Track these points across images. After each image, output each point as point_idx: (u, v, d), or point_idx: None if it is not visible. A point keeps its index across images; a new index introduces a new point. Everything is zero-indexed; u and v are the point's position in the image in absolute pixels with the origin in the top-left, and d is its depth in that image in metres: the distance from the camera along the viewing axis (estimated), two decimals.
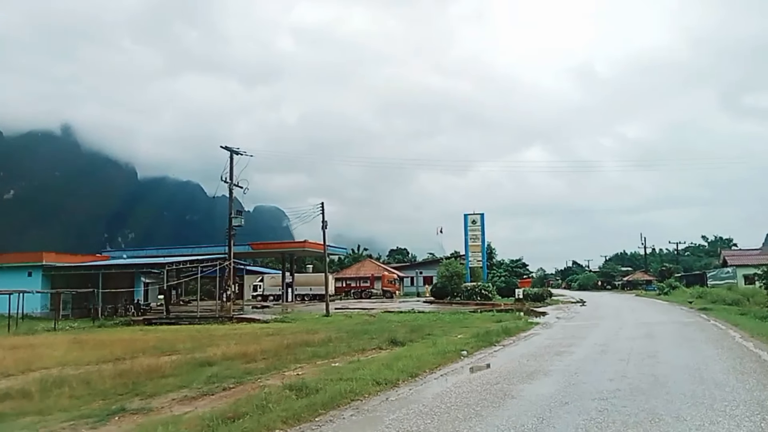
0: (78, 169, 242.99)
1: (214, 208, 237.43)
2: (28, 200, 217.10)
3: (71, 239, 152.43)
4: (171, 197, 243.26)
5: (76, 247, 74.35)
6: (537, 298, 45.61)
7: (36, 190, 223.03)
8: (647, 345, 14.23)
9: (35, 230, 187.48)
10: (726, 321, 20.81)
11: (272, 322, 25.06)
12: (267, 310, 35.60)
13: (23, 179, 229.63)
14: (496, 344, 15.78)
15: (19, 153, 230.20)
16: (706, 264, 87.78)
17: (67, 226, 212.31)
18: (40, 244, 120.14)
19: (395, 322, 24.73)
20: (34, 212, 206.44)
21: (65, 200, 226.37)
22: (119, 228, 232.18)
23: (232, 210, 30.51)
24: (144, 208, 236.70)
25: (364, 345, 15.78)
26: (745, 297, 35.80)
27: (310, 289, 63.52)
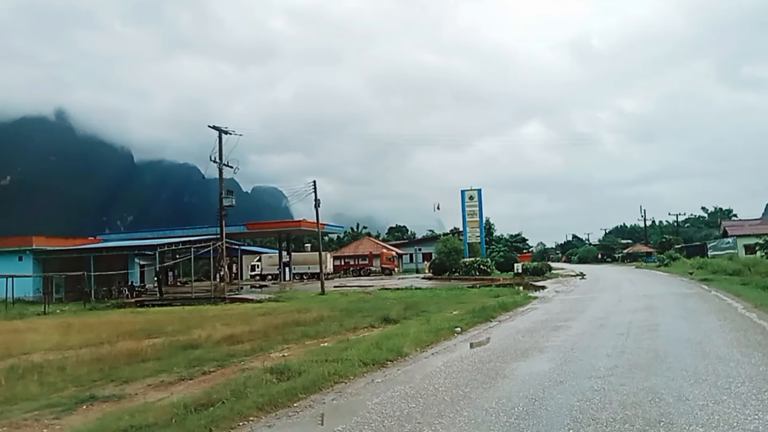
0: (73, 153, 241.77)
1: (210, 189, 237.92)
2: (25, 186, 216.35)
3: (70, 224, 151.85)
4: (168, 179, 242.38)
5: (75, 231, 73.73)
6: (536, 272, 45.27)
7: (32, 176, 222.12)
8: (647, 318, 13.79)
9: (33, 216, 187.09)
10: (728, 291, 20.39)
11: (266, 302, 24.68)
12: (263, 290, 35.23)
13: (19, 165, 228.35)
14: (492, 320, 15.36)
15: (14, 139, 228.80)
16: (707, 235, 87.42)
17: (66, 210, 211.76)
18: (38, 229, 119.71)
19: (391, 299, 24.38)
20: (31, 198, 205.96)
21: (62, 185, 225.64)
22: (117, 211, 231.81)
23: (222, 190, 29.87)
24: (141, 190, 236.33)
25: (356, 323, 15.38)
26: (746, 267, 35.40)
27: (308, 268, 63.19)
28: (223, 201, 29.68)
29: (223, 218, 30.28)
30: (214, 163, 29.36)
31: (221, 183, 30.07)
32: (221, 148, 29.56)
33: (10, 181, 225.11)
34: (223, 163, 29.59)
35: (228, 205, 29.96)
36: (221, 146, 29.55)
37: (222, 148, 29.55)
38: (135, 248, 37.40)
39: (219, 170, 29.75)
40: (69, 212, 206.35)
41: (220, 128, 29.50)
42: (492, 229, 78.49)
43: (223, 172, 30.94)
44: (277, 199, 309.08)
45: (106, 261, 37.68)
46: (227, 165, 30.08)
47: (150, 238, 47.55)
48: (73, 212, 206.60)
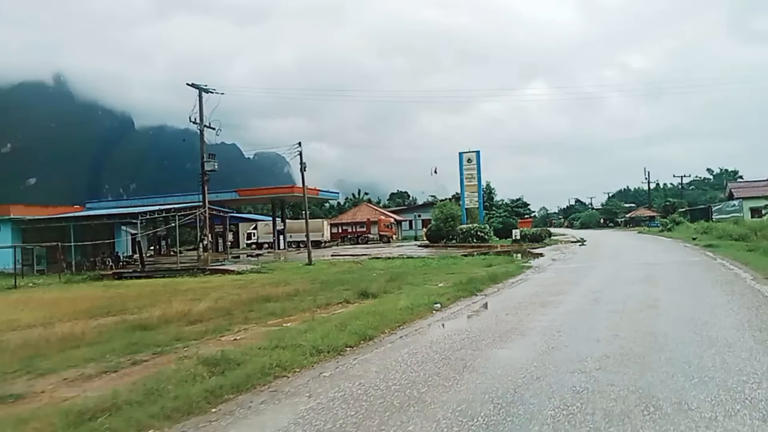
0: (74, 119, 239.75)
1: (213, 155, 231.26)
2: (26, 153, 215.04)
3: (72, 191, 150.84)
4: (170, 146, 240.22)
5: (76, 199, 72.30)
6: (535, 238, 44.10)
7: (33, 143, 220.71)
8: (646, 291, 12.55)
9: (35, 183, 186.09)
10: (734, 259, 19.11)
11: (247, 273, 23.57)
12: (251, 260, 34.15)
13: (19, 132, 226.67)
14: (478, 293, 14.17)
15: (13, 105, 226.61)
16: (712, 198, 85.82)
17: (67, 177, 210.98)
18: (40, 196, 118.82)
19: (378, 269, 23.25)
20: (32, 165, 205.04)
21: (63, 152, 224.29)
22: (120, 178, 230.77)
23: (204, 153, 28.42)
24: (143, 157, 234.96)
25: (331, 298, 14.20)
26: (752, 231, 34.09)
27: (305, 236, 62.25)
28: (205, 165, 28.23)
29: (205, 183, 28.90)
30: (194, 124, 27.85)
31: (202, 145, 28.58)
32: (201, 108, 28.02)
33: (10, 148, 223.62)
34: (204, 124, 28.05)
35: (210, 170, 28.54)
36: (202, 106, 28.01)
37: (202, 108, 28.02)
38: (116, 216, 36.18)
39: (200, 132, 28.23)
40: (71, 179, 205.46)
41: (200, 86, 27.87)
42: (492, 194, 76.73)
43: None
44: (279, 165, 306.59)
45: (91, 230, 36.59)
46: (209, 126, 28.56)
47: (139, 206, 46.37)
48: (75, 179, 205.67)
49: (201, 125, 28.02)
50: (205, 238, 28.60)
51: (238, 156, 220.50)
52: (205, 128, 28.75)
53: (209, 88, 28.28)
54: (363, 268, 24.63)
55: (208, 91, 28.48)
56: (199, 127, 28.07)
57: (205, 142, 28.33)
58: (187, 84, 27.77)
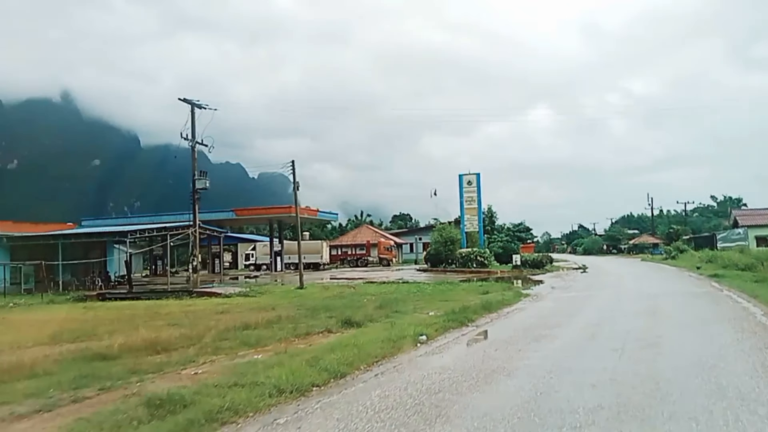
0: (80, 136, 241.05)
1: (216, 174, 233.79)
2: (32, 170, 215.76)
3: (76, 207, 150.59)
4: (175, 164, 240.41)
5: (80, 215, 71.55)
6: (536, 264, 43.18)
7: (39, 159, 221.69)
8: (648, 326, 11.68)
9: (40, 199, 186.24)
10: (742, 291, 18.18)
11: (234, 297, 22.72)
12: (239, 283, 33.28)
13: (26, 149, 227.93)
14: (469, 324, 13.29)
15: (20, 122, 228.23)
16: (716, 225, 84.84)
17: (72, 194, 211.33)
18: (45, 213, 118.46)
19: (370, 295, 22.35)
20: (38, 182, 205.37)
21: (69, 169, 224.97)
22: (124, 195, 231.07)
23: (195, 171, 27.78)
24: (147, 175, 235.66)
25: (313, 327, 13.35)
26: (759, 261, 33.09)
27: (304, 258, 61.25)
28: (197, 183, 27.55)
29: (196, 202, 28.21)
30: (185, 140, 27.28)
31: (194, 162, 27.93)
32: (194, 124, 27.45)
33: (17, 164, 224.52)
34: (196, 140, 27.46)
35: (201, 188, 27.84)
36: (194, 122, 27.44)
37: (194, 124, 27.46)
38: (105, 234, 35.47)
39: (192, 148, 27.59)
40: (75, 196, 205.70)
41: (192, 101, 27.31)
42: (494, 218, 75.75)
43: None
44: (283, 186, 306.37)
45: (82, 248, 35.88)
46: (201, 143, 27.97)
47: (134, 224, 45.76)
48: (80, 196, 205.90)
49: (192, 141, 27.44)
50: (195, 259, 27.80)
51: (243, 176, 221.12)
52: (198, 145, 28.15)
53: (202, 104, 27.79)
54: (355, 293, 23.74)
55: (201, 106, 27.98)
56: (190, 144, 27.48)
57: (196, 159, 27.69)
58: (179, 99, 27.30)
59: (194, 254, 28.01)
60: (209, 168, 71.60)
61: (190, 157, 28.60)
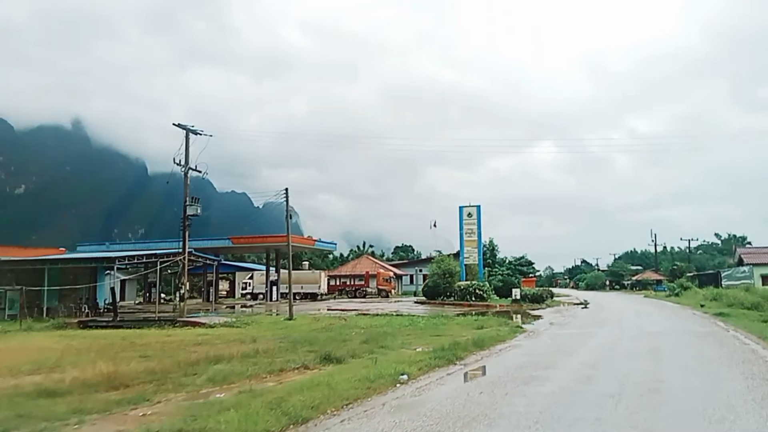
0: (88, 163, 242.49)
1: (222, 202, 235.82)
2: (39, 195, 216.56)
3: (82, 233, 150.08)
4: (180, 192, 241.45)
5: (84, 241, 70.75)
6: (536, 299, 42.08)
7: (47, 185, 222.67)
8: (649, 369, 10.75)
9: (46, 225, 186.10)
10: (749, 332, 17.21)
11: (218, 327, 21.77)
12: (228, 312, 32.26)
13: (34, 174, 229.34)
14: (457, 362, 12.40)
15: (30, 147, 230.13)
16: (720, 263, 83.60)
17: (78, 220, 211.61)
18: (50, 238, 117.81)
19: (360, 328, 21.40)
20: (45, 207, 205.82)
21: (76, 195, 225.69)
22: (129, 222, 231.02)
23: (187, 197, 27.14)
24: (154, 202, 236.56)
25: (290, 362, 12.45)
26: (765, 300, 32.11)
27: (301, 288, 60.16)
28: (188, 210, 26.89)
29: (186, 229, 27.50)
30: (178, 165, 26.73)
31: (186, 189, 27.29)
32: (188, 149, 26.91)
33: (25, 189, 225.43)
34: (189, 166, 26.92)
35: (192, 215, 27.15)
36: (188, 147, 26.91)
37: (188, 150, 26.93)
38: (92, 260, 34.70)
39: (184, 174, 27.00)
40: (81, 222, 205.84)
41: (187, 127, 26.88)
42: (495, 251, 74.71)
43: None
44: None
45: (71, 274, 35.09)
46: (195, 169, 27.41)
47: (129, 251, 44.99)
48: (85, 222, 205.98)
49: (186, 167, 26.88)
50: (183, 287, 26.93)
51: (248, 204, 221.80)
52: (192, 171, 27.62)
53: (197, 130, 27.34)
54: (345, 325, 22.78)
55: (197, 132, 27.54)
56: (183, 170, 26.92)
57: (189, 185, 27.11)
58: (173, 125, 26.92)
59: (182, 282, 27.15)
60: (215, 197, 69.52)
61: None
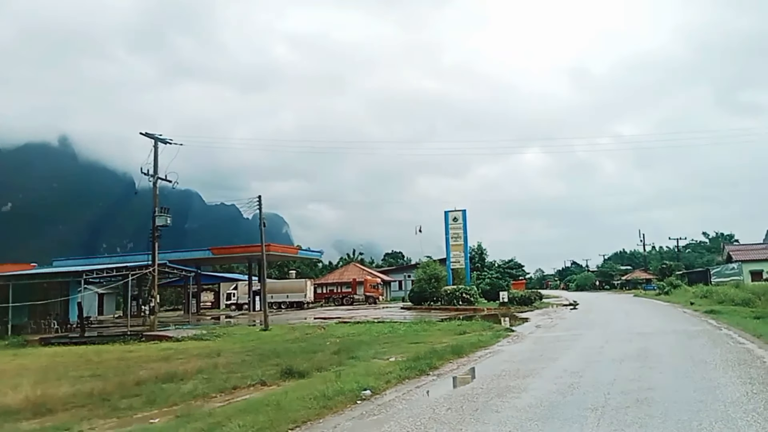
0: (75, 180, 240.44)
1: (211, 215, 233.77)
2: (26, 213, 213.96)
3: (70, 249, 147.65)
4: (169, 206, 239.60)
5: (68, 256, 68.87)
6: (523, 301, 41.17)
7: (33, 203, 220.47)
8: (637, 375, 9.77)
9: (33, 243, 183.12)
10: (742, 329, 16.34)
11: (186, 341, 20.59)
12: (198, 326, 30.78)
13: (20, 192, 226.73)
14: (431, 372, 11.39)
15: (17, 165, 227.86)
16: (708, 261, 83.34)
17: (66, 237, 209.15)
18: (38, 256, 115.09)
19: (337, 337, 20.33)
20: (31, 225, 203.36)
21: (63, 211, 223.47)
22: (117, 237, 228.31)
23: (156, 207, 25.99)
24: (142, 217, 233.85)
25: (246, 378, 11.35)
26: (756, 296, 31.41)
27: (287, 297, 59.04)
28: (157, 220, 25.70)
29: (156, 239, 26.31)
30: (145, 175, 25.59)
31: (155, 198, 26.14)
32: (156, 158, 25.79)
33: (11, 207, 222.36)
34: (158, 176, 25.77)
35: (162, 225, 25.99)
36: (157, 157, 25.80)
37: (157, 159, 25.82)
38: (59, 275, 33.29)
39: (153, 184, 25.87)
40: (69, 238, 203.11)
41: (155, 136, 25.76)
42: (484, 255, 73.95)
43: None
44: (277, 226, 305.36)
45: (41, 290, 33.66)
46: (165, 179, 26.27)
47: (105, 264, 43.57)
48: (74, 239, 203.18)
49: (155, 177, 25.73)
50: (153, 300, 25.70)
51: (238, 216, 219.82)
52: (162, 180, 26.48)
53: (166, 138, 26.21)
54: (321, 335, 21.71)
55: (166, 141, 26.40)
56: (151, 179, 25.77)
57: (157, 194, 25.95)
58: (140, 133, 25.78)
59: (152, 295, 25.91)
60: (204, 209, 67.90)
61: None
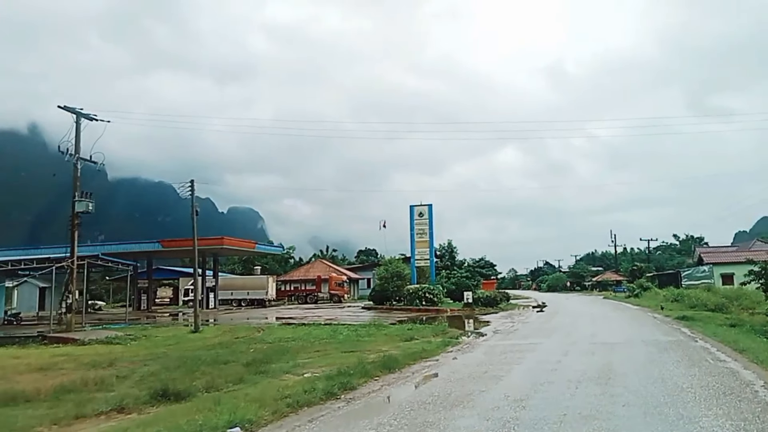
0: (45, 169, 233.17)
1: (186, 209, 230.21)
2: None
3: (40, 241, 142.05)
4: (142, 198, 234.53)
5: None
6: (489, 302, 39.23)
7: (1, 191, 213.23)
8: (595, 408, 7.52)
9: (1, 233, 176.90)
10: (720, 341, 14.35)
11: (92, 344, 17.90)
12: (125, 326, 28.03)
13: None
14: (342, 395, 9.04)
15: None
16: (679, 263, 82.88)
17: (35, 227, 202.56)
18: None
19: (268, 342, 17.92)
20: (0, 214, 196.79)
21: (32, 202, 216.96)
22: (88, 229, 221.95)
23: (76, 191, 23.10)
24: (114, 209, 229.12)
25: (107, 402, 8.88)
26: (728, 300, 29.95)
27: (248, 294, 56.41)
28: (77, 206, 22.82)
29: (76, 228, 23.45)
30: (63, 154, 22.71)
31: (75, 182, 23.25)
32: (78, 135, 22.84)
33: None
34: (79, 156, 22.89)
35: (83, 212, 23.12)
36: (78, 134, 22.89)
37: (79, 136, 22.91)
38: None
39: (74, 165, 23.04)
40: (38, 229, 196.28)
41: (76, 110, 22.88)
42: (454, 253, 72.08)
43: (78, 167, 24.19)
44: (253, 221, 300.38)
45: None
46: (90, 161, 23.41)
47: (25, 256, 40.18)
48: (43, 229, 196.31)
49: (75, 157, 22.85)
50: (70, 297, 22.87)
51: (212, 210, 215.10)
52: (87, 162, 23.61)
53: (90, 114, 23.34)
54: (253, 339, 19.25)
55: (91, 117, 23.53)
56: (71, 159, 22.88)
57: (79, 176, 23.08)
58: (59, 107, 22.85)
59: (69, 291, 23.07)
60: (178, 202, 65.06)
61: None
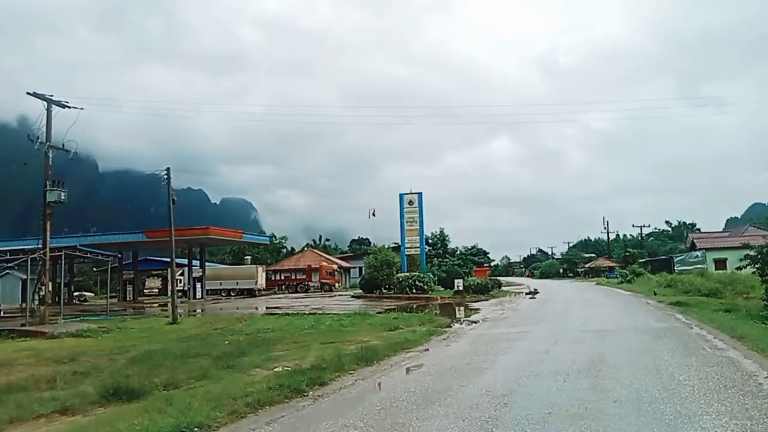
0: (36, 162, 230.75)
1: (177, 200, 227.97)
2: None
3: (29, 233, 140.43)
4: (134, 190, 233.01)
5: None
6: (480, 290, 38.68)
7: None
8: (584, 406, 6.79)
9: None
10: (716, 328, 13.71)
11: (63, 338, 17.05)
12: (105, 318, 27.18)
13: None
14: (310, 392, 8.29)
15: None
16: (671, 249, 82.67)
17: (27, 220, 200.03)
18: None
19: (246, 333, 17.18)
20: None
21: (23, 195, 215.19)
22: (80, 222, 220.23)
23: (48, 179, 22.13)
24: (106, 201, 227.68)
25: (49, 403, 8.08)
26: (722, 285, 29.48)
27: (237, 284, 55.64)
28: (48, 195, 21.87)
29: (48, 218, 22.54)
30: (32, 141, 21.76)
31: (47, 170, 22.24)
32: (49, 122, 21.81)
33: None
34: (50, 143, 21.91)
35: (55, 201, 22.17)
36: (49, 120, 21.87)
37: (50, 123, 21.91)
38: None
39: (45, 153, 22.06)
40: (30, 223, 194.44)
41: (46, 96, 21.88)
42: (446, 241, 71.57)
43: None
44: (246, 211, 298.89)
45: None
46: (62, 148, 22.46)
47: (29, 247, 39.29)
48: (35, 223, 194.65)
49: (45, 145, 21.86)
50: (43, 288, 21.99)
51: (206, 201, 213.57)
52: (57, 150, 22.63)
53: (61, 101, 22.32)
54: (232, 330, 18.49)
55: (62, 105, 22.50)
56: (42, 147, 21.88)
57: (50, 164, 22.12)
58: (28, 93, 21.82)
59: (42, 283, 22.20)
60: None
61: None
